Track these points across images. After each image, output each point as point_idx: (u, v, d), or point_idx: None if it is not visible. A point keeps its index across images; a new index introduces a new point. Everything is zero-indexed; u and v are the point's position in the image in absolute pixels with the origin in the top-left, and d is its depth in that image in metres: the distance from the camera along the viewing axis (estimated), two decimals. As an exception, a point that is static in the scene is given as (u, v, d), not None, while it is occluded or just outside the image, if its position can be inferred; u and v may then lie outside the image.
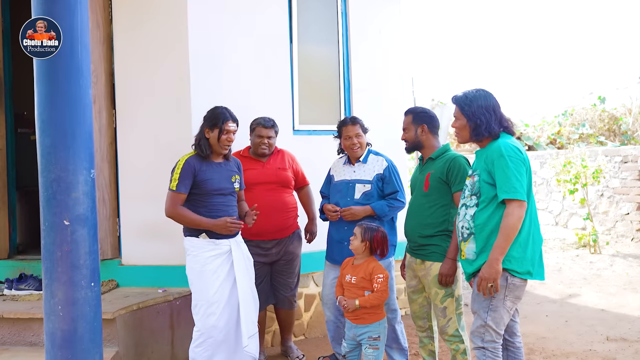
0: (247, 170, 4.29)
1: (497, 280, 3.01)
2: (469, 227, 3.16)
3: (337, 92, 5.47)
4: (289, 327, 4.69)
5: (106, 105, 4.57)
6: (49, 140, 3.03)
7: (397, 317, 4.13)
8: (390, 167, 4.11)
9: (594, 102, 13.18)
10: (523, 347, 3.37)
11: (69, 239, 3.02)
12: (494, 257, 3.00)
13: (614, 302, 6.15)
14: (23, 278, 4.49)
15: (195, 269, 3.70)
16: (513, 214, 2.99)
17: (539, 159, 10.39)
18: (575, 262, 7.92)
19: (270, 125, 4.35)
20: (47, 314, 3.08)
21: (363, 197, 4.03)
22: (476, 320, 3.17)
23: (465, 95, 3.25)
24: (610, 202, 9.07)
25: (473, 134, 3.21)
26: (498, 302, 3.08)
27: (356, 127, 4.11)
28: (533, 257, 3.10)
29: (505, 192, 3.01)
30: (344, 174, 4.16)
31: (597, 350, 4.67)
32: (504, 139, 3.16)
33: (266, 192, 4.28)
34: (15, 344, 3.94)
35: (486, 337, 3.12)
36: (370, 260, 3.65)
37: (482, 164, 3.16)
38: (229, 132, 3.76)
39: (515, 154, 3.08)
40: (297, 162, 4.58)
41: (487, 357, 3.12)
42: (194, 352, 3.66)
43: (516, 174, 3.03)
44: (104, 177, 4.54)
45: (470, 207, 3.18)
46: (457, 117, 3.29)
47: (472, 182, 3.20)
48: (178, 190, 3.66)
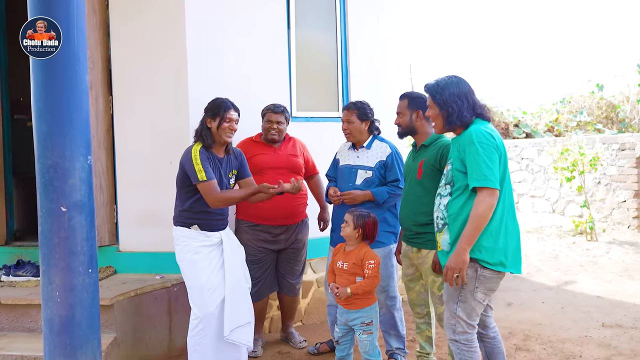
0: (258, 155, 4.30)
1: (463, 270, 2.90)
2: (443, 217, 3.07)
3: (335, 78, 5.45)
4: (291, 313, 4.72)
5: (103, 91, 4.55)
6: (46, 127, 3.02)
7: (397, 304, 4.13)
8: (393, 153, 4.09)
9: (592, 90, 13.17)
10: (500, 336, 3.28)
11: (66, 226, 3.02)
12: (460, 246, 2.89)
13: (609, 289, 6.18)
14: (20, 264, 4.49)
15: (187, 258, 3.70)
16: (483, 202, 2.87)
17: (537, 147, 10.40)
18: (571, 250, 7.96)
19: (280, 110, 4.36)
20: (45, 300, 3.08)
21: (364, 183, 4.04)
22: (446, 311, 3.10)
23: (437, 83, 3.17)
24: (607, 189, 9.09)
25: (446, 122, 3.12)
26: (467, 294, 2.99)
27: (348, 113, 4.11)
28: (506, 248, 2.96)
29: (475, 180, 2.90)
30: (348, 159, 4.17)
31: (592, 336, 4.70)
32: (477, 125, 3.05)
33: (277, 177, 4.28)
34: (13, 330, 3.95)
35: (457, 328, 3.04)
36: (362, 246, 3.66)
37: (455, 152, 3.08)
38: (231, 120, 3.75)
39: (487, 139, 2.95)
40: (307, 150, 4.59)
41: (461, 351, 3.05)
42: (193, 339, 3.68)
43: (487, 161, 2.90)
44: (101, 163, 4.53)
45: (444, 196, 3.10)
46: (430, 106, 3.21)
47: (447, 171, 3.14)
48: (209, 179, 3.62)
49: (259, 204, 4.16)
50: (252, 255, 4.27)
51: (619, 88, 13.05)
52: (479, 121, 3.11)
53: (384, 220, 4.01)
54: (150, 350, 4.18)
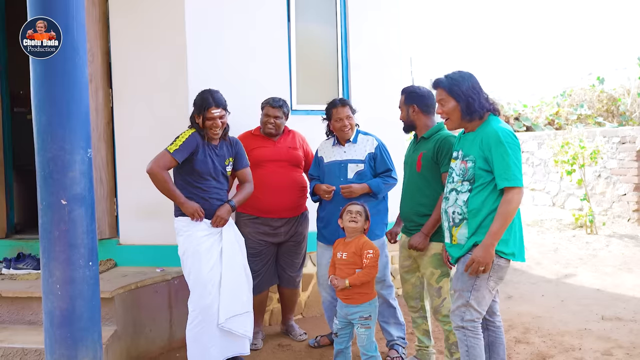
0: (258, 148, 4.30)
1: (489, 264, 3.01)
2: (462, 213, 3.14)
3: (335, 72, 5.43)
4: (291, 306, 4.73)
5: (102, 84, 4.54)
6: (45, 119, 3.02)
7: (392, 293, 4.17)
8: (380, 146, 4.13)
9: (592, 83, 13.14)
10: (503, 326, 3.39)
11: (66, 218, 3.02)
12: (489, 242, 3.00)
13: (609, 282, 6.19)
14: (21, 257, 4.50)
15: (190, 249, 3.71)
16: (512, 201, 2.98)
17: (537, 140, 10.39)
18: (571, 243, 7.96)
19: (278, 105, 4.34)
20: (46, 293, 3.09)
21: (356, 176, 4.05)
22: (458, 299, 3.17)
23: (451, 76, 3.19)
24: (608, 182, 9.08)
25: (465, 114, 3.14)
26: (482, 282, 3.08)
27: (346, 109, 4.11)
28: (515, 239, 3.11)
29: (506, 180, 2.99)
30: (334, 155, 4.16)
31: (592, 329, 4.71)
32: (496, 123, 3.12)
33: (277, 169, 4.30)
34: (14, 322, 3.96)
35: (466, 316, 3.12)
36: (361, 236, 3.69)
37: (476, 150, 3.11)
38: (213, 118, 3.73)
39: (512, 140, 3.05)
40: (307, 143, 4.59)
41: (467, 337, 3.13)
42: (192, 331, 3.68)
43: (515, 161, 3.01)
44: (101, 156, 4.53)
45: (462, 192, 3.15)
46: (444, 101, 3.21)
47: (465, 168, 3.15)
48: (174, 155, 3.65)
49: (259, 196, 4.17)
50: (252, 248, 4.27)
51: (620, 81, 13.02)
52: (494, 117, 3.18)
53: (380, 212, 4.03)
54: (150, 343, 4.19)
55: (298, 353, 4.32)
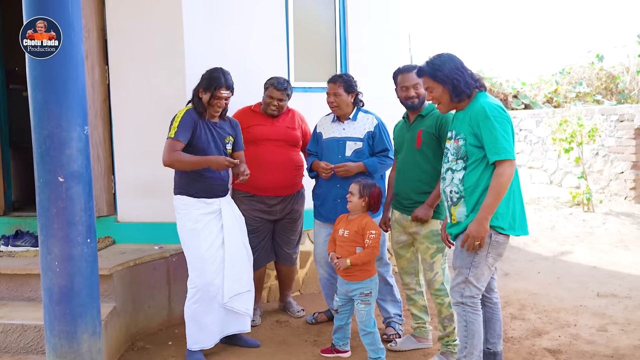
0: (256, 126, 4.28)
1: (484, 238, 3.03)
2: (459, 191, 3.15)
3: (333, 48, 5.39)
4: (289, 282, 4.76)
5: (99, 61, 4.51)
6: (41, 96, 3.00)
7: (390, 270, 4.20)
8: (380, 125, 4.11)
9: (591, 61, 13.07)
10: (500, 302, 3.42)
11: (64, 196, 3.02)
12: (482, 215, 3.01)
13: (605, 259, 6.23)
14: (19, 235, 4.50)
15: (187, 227, 3.71)
16: (504, 174, 2.99)
17: (535, 118, 10.36)
18: (568, 220, 7.99)
19: (283, 87, 4.29)
20: (44, 270, 3.10)
21: (354, 154, 4.04)
22: (457, 276, 3.20)
23: (432, 63, 3.18)
24: (605, 160, 9.09)
25: (454, 95, 3.15)
26: (481, 259, 3.11)
27: (335, 86, 4.06)
28: (514, 212, 3.11)
29: (495, 154, 3.00)
30: (332, 132, 4.14)
31: (587, 305, 4.75)
32: (483, 98, 3.13)
33: (274, 148, 4.28)
34: (13, 299, 3.98)
35: (466, 292, 3.15)
36: (364, 215, 3.68)
37: (466, 127, 3.13)
38: (220, 98, 3.71)
39: (500, 113, 3.06)
40: (306, 122, 4.57)
41: (466, 312, 3.17)
42: (190, 308, 3.71)
43: (504, 134, 3.01)
44: (98, 134, 4.51)
45: (457, 170, 3.16)
46: (430, 88, 3.22)
47: (457, 146, 3.17)
48: (176, 138, 3.62)
49: (256, 174, 4.16)
50: (249, 225, 4.28)
51: (619, 59, 12.96)
52: (481, 93, 3.18)
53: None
54: (149, 319, 4.21)
55: (296, 329, 4.36)
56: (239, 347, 3.97)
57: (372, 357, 3.60)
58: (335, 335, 3.83)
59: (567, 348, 3.89)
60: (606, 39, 19.07)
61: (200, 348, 3.73)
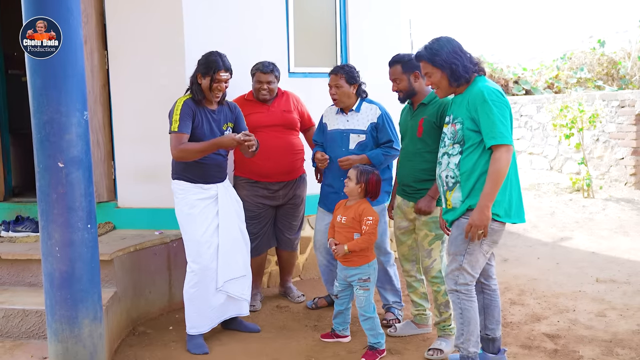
0: (252, 114, 4.27)
1: (487, 226, 3.00)
2: (454, 176, 3.12)
3: (334, 34, 5.36)
4: (290, 268, 4.77)
5: (98, 46, 4.48)
6: (40, 82, 2.99)
7: (390, 260, 4.20)
8: (384, 115, 4.07)
9: (593, 46, 13.00)
10: (499, 289, 3.42)
11: (64, 181, 3.02)
12: (483, 203, 2.98)
13: (605, 245, 6.25)
14: (20, 220, 4.51)
15: (184, 211, 3.72)
16: (501, 160, 2.95)
17: (536, 103, 10.33)
18: (568, 206, 8.00)
19: (270, 70, 4.28)
20: (45, 255, 3.11)
21: (358, 147, 4.02)
22: (452, 263, 3.18)
23: (430, 47, 3.15)
24: (606, 146, 9.08)
25: (452, 79, 3.12)
26: (475, 246, 3.09)
27: (336, 77, 4.03)
28: (511, 199, 3.09)
29: (492, 139, 2.97)
30: (337, 123, 4.12)
31: (586, 291, 4.77)
32: (482, 82, 3.10)
33: (273, 134, 4.27)
34: (14, 284, 3.99)
35: (460, 279, 3.14)
36: (362, 201, 3.68)
37: (464, 111, 3.09)
38: (220, 81, 3.69)
39: (498, 97, 3.02)
40: (302, 103, 4.54)
41: (461, 300, 3.16)
42: (189, 293, 3.72)
43: (501, 119, 2.98)
44: (98, 119, 4.50)
45: (453, 155, 3.13)
46: (429, 73, 3.19)
47: (454, 130, 3.14)
48: (180, 131, 3.61)
49: (256, 161, 4.16)
50: (251, 211, 4.28)
51: (621, 44, 12.88)
52: (480, 77, 3.15)
53: (383, 180, 4.01)
54: (150, 304, 4.23)
55: (296, 314, 4.38)
56: (240, 332, 3.99)
57: (371, 342, 3.62)
58: (335, 320, 3.85)
59: (565, 333, 3.91)
60: (608, 24, 18.93)
61: (198, 332, 3.75)
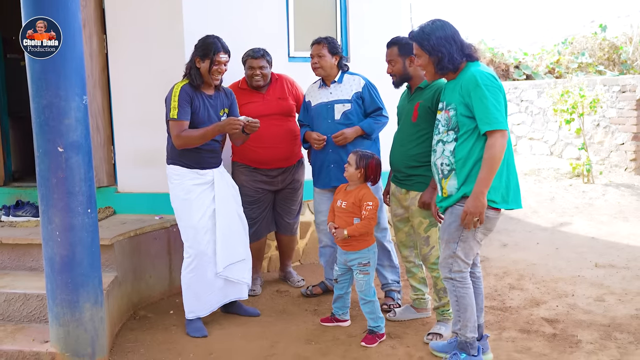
0: (247, 104, 4.24)
1: (482, 213, 2.97)
2: (450, 163, 3.09)
3: (334, 18, 5.33)
4: (289, 252, 4.78)
5: (96, 30, 4.45)
6: (39, 66, 2.98)
7: (387, 235, 4.20)
8: (367, 85, 4.09)
9: (594, 31, 12.93)
10: (482, 276, 3.44)
11: (63, 166, 3.02)
12: (479, 189, 2.94)
13: (604, 230, 6.26)
14: (20, 205, 4.51)
15: (180, 197, 3.73)
16: (496, 145, 2.91)
17: (537, 88, 10.30)
18: (568, 192, 8.00)
19: (260, 54, 4.26)
20: (46, 240, 3.12)
21: (343, 117, 4.03)
22: (445, 250, 3.17)
23: (422, 29, 3.12)
24: (606, 132, 9.06)
25: (438, 68, 3.10)
26: (469, 233, 3.07)
27: (319, 47, 4.06)
28: (508, 185, 3.06)
29: (487, 124, 2.93)
30: (320, 97, 4.13)
31: (585, 276, 4.78)
32: (475, 67, 3.05)
33: (270, 122, 4.24)
34: (15, 268, 4.00)
35: (454, 267, 3.13)
36: (362, 186, 3.67)
37: (457, 96, 3.05)
38: (220, 63, 3.68)
39: (491, 82, 2.98)
40: (296, 86, 4.52)
41: (456, 288, 3.16)
42: (186, 277, 3.74)
43: (495, 104, 2.94)
44: (97, 104, 4.49)
45: (448, 142, 3.10)
46: (418, 55, 3.16)
47: (448, 117, 3.10)
48: (180, 118, 3.60)
49: (255, 149, 4.15)
50: (250, 196, 4.28)
51: (622, 29, 12.81)
52: (474, 63, 3.10)
53: None
54: (150, 288, 4.25)
55: (296, 299, 4.40)
56: (240, 316, 4.01)
57: (371, 326, 3.63)
58: (335, 305, 3.86)
59: (564, 317, 3.92)
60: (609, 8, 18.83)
61: (197, 317, 3.76)
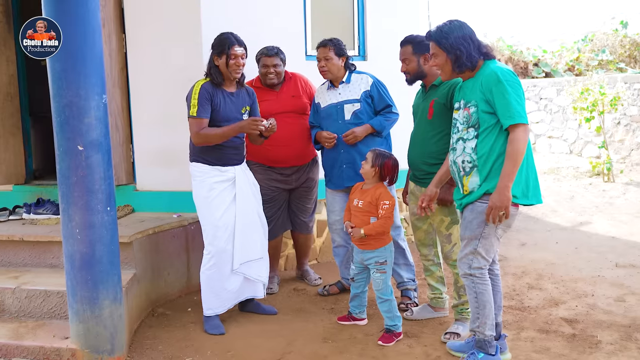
0: (262, 102, 4.26)
1: (508, 207, 2.97)
2: (472, 160, 3.09)
3: (351, 16, 5.33)
4: (306, 251, 4.79)
5: (115, 29, 4.49)
6: (60, 65, 3.02)
7: (401, 234, 4.19)
8: (376, 83, 4.09)
9: (615, 27, 12.76)
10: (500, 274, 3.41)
11: (83, 164, 3.05)
12: (503, 184, 2.95)
13: (625, 229, 6.18)
14: (41, 202, 4.57)
15: (201, 194, 3.75)
16: (519, 139, 2.93)
17: (556, 86, 10.20)
18: (588, 191, 7.92)
19: (274, 53, 4.27)
20: (66, 237, 3.16)
21: (353, 116, 4.04)
22: (465, 247, 3.17)
23: (440, 29, 3.14)
24: (627, 130, 8.95)
25: (455, 66, 3.11)
26: (490, 230, 3.07)
27: (325, 50, 4.06)
28: (527, 180, 3.06)
29: (509, 118, 2.95)
30: (329, 99, 4.14)
31: (605, 276, 4.73)
32: (494, 64, 3.08)
33: (284, 121, 4.25)
34: (36, 265, 4.06)
35: (474, 264, 3.13)
36: (379, 185, 3.66)
37: (477, 94, 3.07)
38: (237, 56, 3.70)
39: (511, 77, 3.01)
40: (310, 84, 4.52)
41: (475, 284, 3.16)
42: (205, 274, 3.76)
43: (517, 98, 2.96)
44: (116, 103, 4.53)
45: (469, 139, 3.10)
46: (435, 54, 3.17)
47: (468, 114, 3.10)
48: (199, 116, 3.63)
49: (269, 147, 4.17)
50: (264, 194, 4.29)
51: (644, 25, 12.64)
52: (491, 61, 3.13)
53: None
54: (169, 286, 4.28)
55: (313, 297, 4.40)
56: (257, 314, 4.03)
57: (388, 325, 3.63)
58: (351, 304, 3.86)
59: (584, 318, 3.88)
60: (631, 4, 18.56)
61: (214, 314, 3.79)
